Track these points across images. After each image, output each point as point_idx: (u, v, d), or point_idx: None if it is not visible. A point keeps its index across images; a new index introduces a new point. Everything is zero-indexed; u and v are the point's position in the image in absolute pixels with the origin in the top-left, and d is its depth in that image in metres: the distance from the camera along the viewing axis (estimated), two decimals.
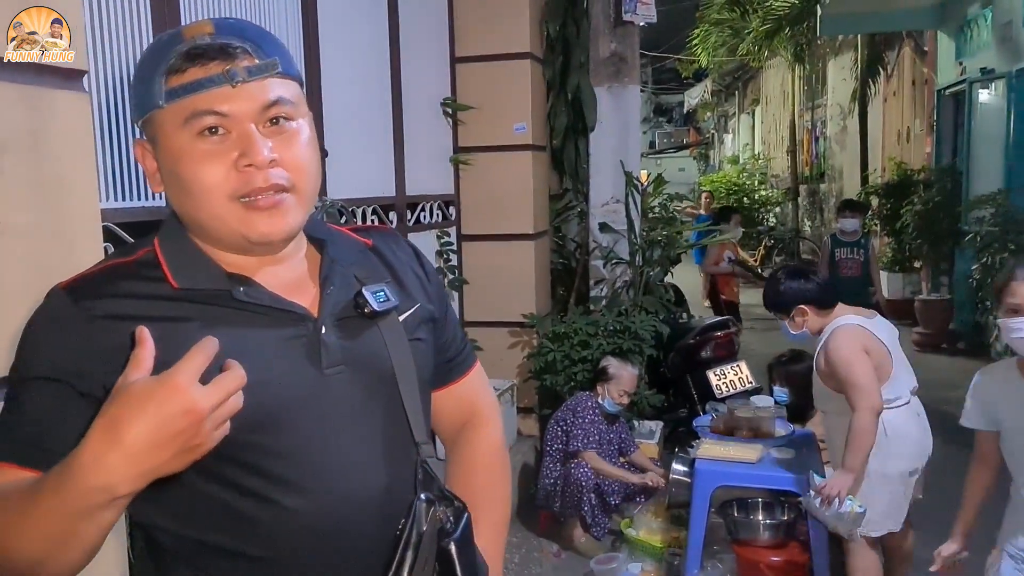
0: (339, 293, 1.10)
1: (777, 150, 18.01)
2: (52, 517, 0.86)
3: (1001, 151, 7.51)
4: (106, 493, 0.83)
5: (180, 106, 1.00)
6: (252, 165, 1.00)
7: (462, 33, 4.93)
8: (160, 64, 1.00)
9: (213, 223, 1.03)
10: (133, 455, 0.82)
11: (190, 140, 1.00)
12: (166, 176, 1.05)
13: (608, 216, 5.32)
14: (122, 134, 2.35)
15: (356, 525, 1.05)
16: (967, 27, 8.61)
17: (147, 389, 0.82)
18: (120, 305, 1.01)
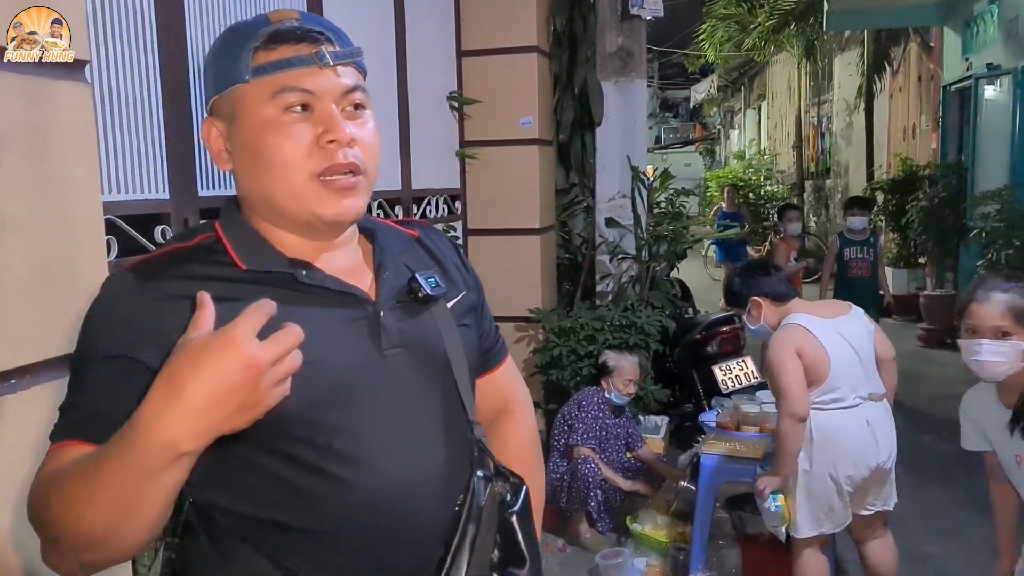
0: (393, 278, 1.15)
1: (783, 146, 17.98)
2: (118, 481, 0.86)
3: (1007, 147, 7.48)
4: (169, 450, 0.83)
5: (268, 81, 1.04)
6: (335, 141, 1.05)
7: (468, 27, 4.92)
8: (247, 42, 1.05)
9: (287, 199, 1.06)
10: (193, 410, 0.82)
11: (276, 114, 1.04)
12: (243, 152, 1.08)
13: (614, 211, 5.32)
14: (124, 126, 2.35)
15: (415, 500, 1.08)
16: (973, 23, 8.58)
17: (205, 344, 0.83)
18: (187, 286, 1.01)
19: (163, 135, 2.49)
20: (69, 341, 1.62)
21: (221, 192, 2.78)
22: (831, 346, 2.90)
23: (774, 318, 3.06)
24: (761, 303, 3.10)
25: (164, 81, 2.48)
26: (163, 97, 2.48)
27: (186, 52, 2.60)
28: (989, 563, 3.53)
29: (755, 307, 3.11)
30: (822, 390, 2.89)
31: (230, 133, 1.08)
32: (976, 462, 4.26)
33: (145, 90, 2.42)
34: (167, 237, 2.51)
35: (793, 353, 2.88)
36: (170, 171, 2.52)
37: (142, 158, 2.41)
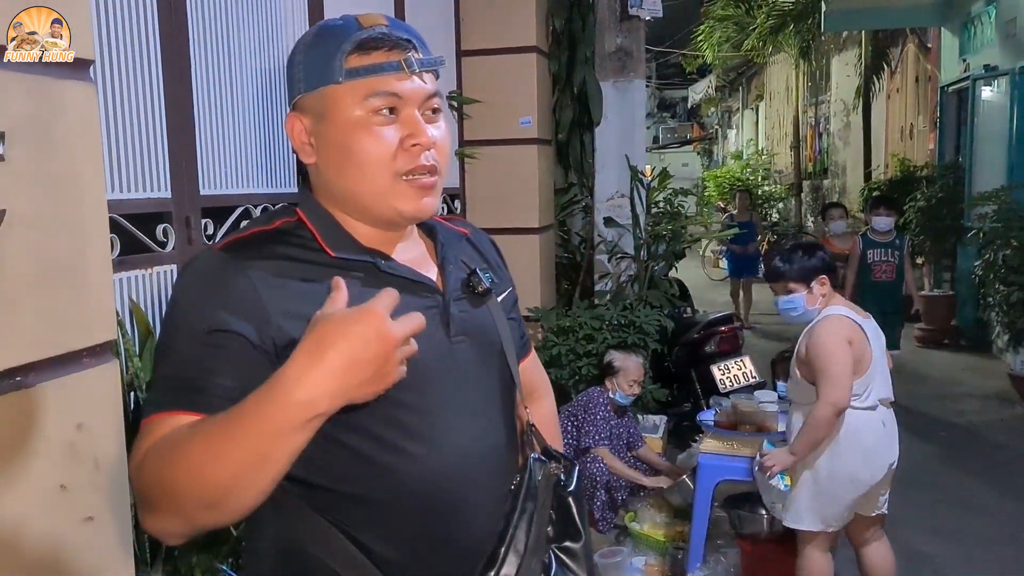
0: (456, 272, 1.24)
1: (780, 146, 17.99)
2: (252, 437, 0.90)
3: (1004, 148, 7.50)
4: (308, 409, 0.89)
5: (360, 84, 1.11)
6: (419, 144, 1.12)
7: (468, 26, 4.93)
8: (340, 45, 1.12)
9: (371, 196, 1.14)
10: (334, 370, 0.88)
11: (365, 116, 1.11)
12: (330, 148, 1.14)
13: (613, 210, 5.33)
14: (128, 124, 2.36)
15: (478, 476, 1.17)
16: (971, 24, 8.60)
17: (350, 314, 0.91)
18: (281, 266, 1.10)
19: (165, 134, 2.49)
20: (75, 338, 1.63)
21: (222, 191, 2.79)
22: (872, 344, 2.90)
23: (825, 304, 2.97)
24: (826, 281, 2.97)
25: (166, 80, 2.49)
26: (165, 96, 2.49)
27: (188, 52, 2.61)
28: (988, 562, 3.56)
29: (822, 284, 2.97)
30: (859, 383, 2.86)
31: (317, 129, 1.14)
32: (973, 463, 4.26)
33: (148, 89, 2.43)
34: (168, 235, 2.52)
35: (846, 342, 2.83)
36: (172, 169, 2.53)
37: (144, 156, 2.42)
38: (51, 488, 1.59)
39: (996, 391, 6.39)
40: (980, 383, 6.71)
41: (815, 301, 2.97)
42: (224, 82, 2.80)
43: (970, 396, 6.40)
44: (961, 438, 5.48)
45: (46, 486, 1.58)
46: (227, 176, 2.81)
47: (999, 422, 5.77)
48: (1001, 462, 4.97)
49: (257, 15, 3.00)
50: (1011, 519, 4.13)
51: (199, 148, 2.65)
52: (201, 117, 2.67)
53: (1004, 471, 4.83)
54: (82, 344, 1.64)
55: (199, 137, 2.65)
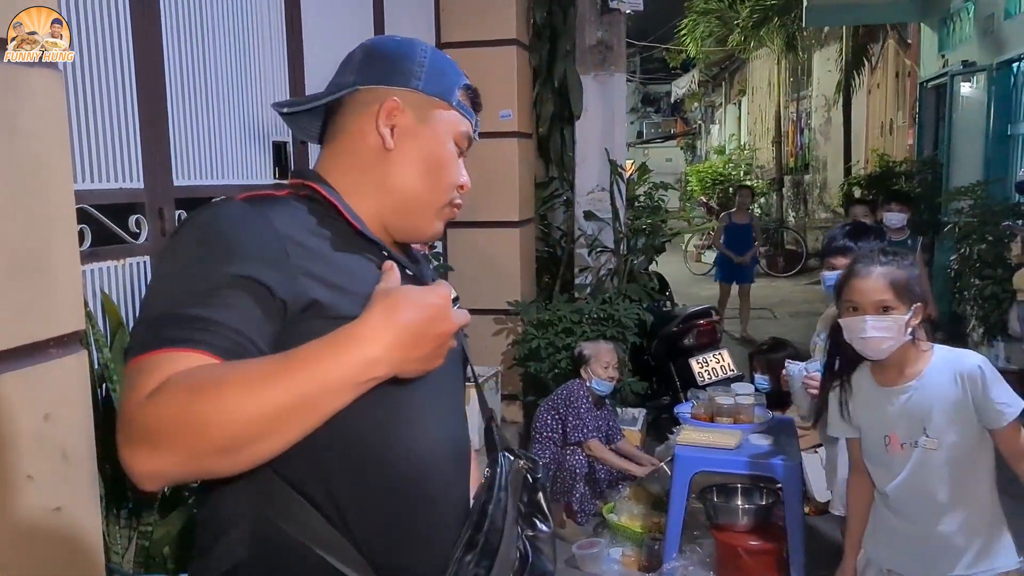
0: (427, 275, 1.31)
1: (762, 141, 18.06)
2: (302, 384, 0.90)
3: (980, 143, 7.56)
4: (370, 367, 0.93)
5: (459, 119, 1.25)
6: (463, 188, 1.28)
7: (448, 19, 4.93)
8: (458, 78, 1.27)
9: (424, 207, 1.24)
10: (402, 337, 0.94)
11: (452, 146, 1.25)
12: (419, 149, 1.22)
13: (593, 204, 5.34)
14: (100, 113, 2.34)
15: (457, 465, 1.24)
16: (950, 20, 8.66)
17: (423, 289, 0.99)
18: (305, 230, 1.11)
19: (137, 123, 2.48)
20: (41, 328, 1.62)
21: (196, 182, 2.78)
22: None
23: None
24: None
25: (139, 69, 2.48)
26: (138, 85, 2.48)
27: (161, 41, 2.59)
28: None
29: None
30: None
31: (412, 126, 1.21)
32: None
33: (120, 78, 2.41)
34: (141, 226, 2.51)
35: None
36: (145, 160, 2.51)
37: (116, 147, 2.41)
38: (18, 479, 1.59)
39: None
40: None
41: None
42: (198, 72, 2.78)
43: None
44: None
45: (13, 476, 1.57)
46: (201, 167, 2.80)
47: None
48: None
49: (232, 3, 2.98)
50: None
51: (172, 138, 2.63)
52: (175, 107, 2.65)
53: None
54: (49, 334, 1.63)
55: (172, 127, 2.64)
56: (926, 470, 2.14)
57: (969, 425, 2.12)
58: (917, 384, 2.16)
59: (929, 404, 2.13)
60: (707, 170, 17.60)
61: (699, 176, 17.40)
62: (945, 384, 2.13)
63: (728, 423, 3.64)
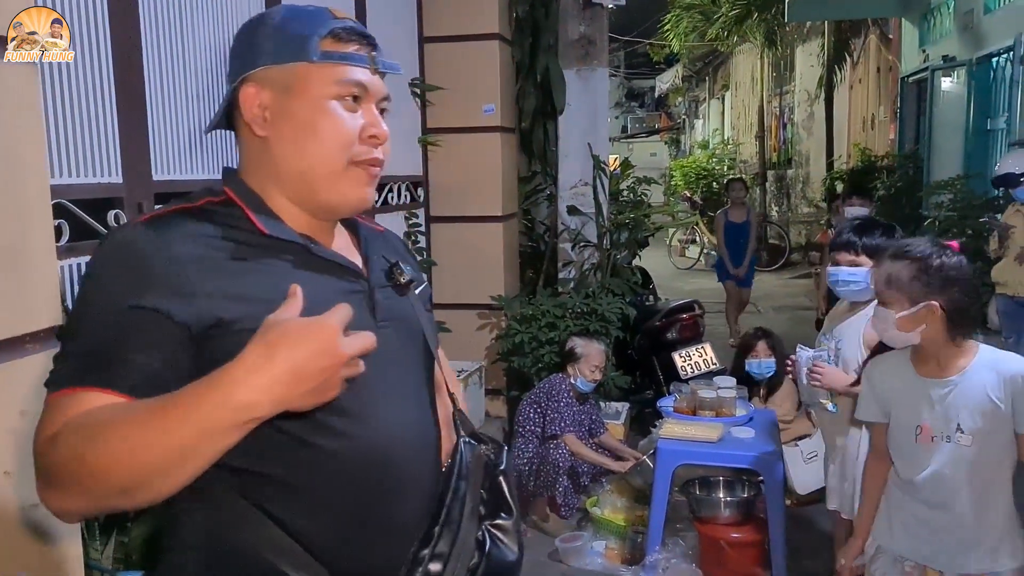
0: (378, 263, 1.27)
1: (746, 135, 18.13)
2: (182, 430, 0.89)
3: (961, 138, 7.63)
4: (245, 411, 0.89)
5: (333, 68, 1.14)
6: (376, 138, 1.17)
7: (430, 13, 4.91)
8: (317, 27, 1.15)
9: (324, 176, 1.15)
10: (279, 379, 0.89)
11: (334, 99, 1.14)
12: (292, 123, 1.15)
13: (576, 199, 5.35)
14: (77, 107, 2.32)
15: (409, 456, 1.18)
16: (930, 15, 8.72)
17: (304, 323, 0.92)
18: (208, 244, 1.09)
19: (115, 117, 2.46)
20: (17, 323, 1.61)
21: (176, 176, 2.76)
22: None
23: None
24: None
25: (116, 63, 2.46)
26: (116, 79, 2.46)
27: (139, 33, 2.57)
28: None
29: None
30: None
31: (278, 103, 1.14)
32: None
33: (97, 72, 2.39)
34: (120, 221, 2.49)
35: None
36: (123, 154, 2.49)
37: (94, 141, 2.39)
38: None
39: None
40: None
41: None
42: (177, 66, 2.76)
43: None
44: None
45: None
46: (181, 161, 2.78)
47: None
48: None
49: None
50: None
51: (151, 133, 2.62)
52: (153, 101, 2.63)
53: None
54: (25, 329, 1.63)
55: (151, 121, 2.62)
56: (956, 464, 2.17)
57: (1004, 426, 2.14)
58: (958, 379, 2.18)
59: (968, 401, 2.15)
60: (691, 165, 17.64)
61: (683, 171, 17.44)
62: (987, 384, 2.15)
63: (710, 416, 3.66)
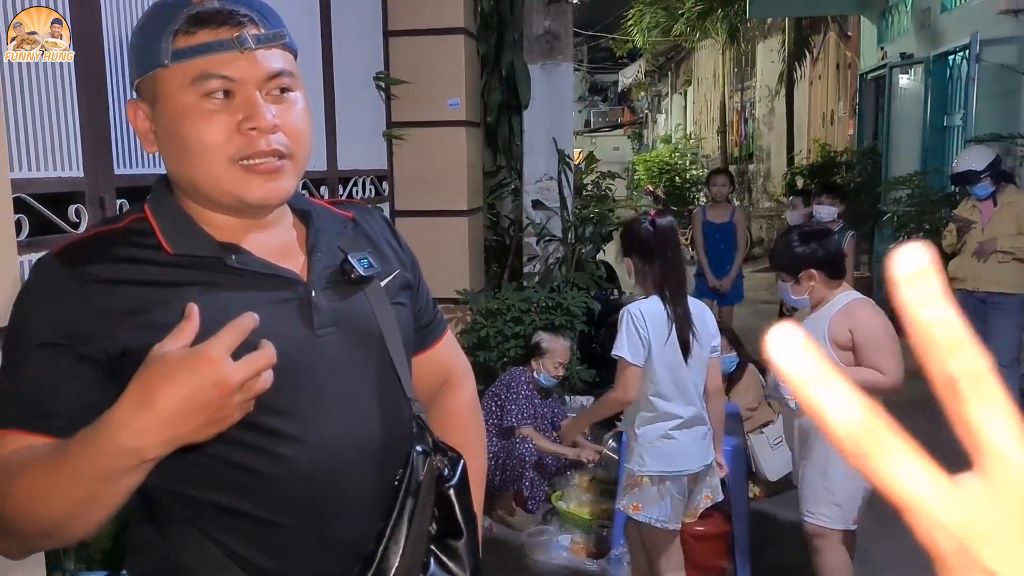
0: (326, 259, 1.16)
1: (708, 130, 18.29)
2: (78, 479, 0.88)
3: (918, 134, 7.76)
4: (134, 456, 0.86)
5: (187, 67, 1.02)
6: (256, 129, 1.03)
7: (395, 6, 4.88)
8: (166, 24, 1.03)
9: (209, 184, 1.05)
10: (163, 420, 0.84)
11: (195, 100, 1.03)
12: (164, 136, 1.07)
13: (541, 193, 5.36)
14: (37, 99, 2.28)
15: (353, 475, 1.10)
16: (889, 13, 8.86)
17: (181, 359, 0.85)
18: (115, 270, 1.04)
19: (76, 109, 2.42)
20: None
21: (138, 170, 2.72)
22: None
23: (821, 293, 2.94)
24: (815, 276, 2.92)
25: (78, 53, 2.41)
26: (77, 70, 2.41)
27: (100, 23, 2.52)
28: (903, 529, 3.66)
29: (808, 278, 2.93)
30: None
31: (154, 115, 1.07)
32: None
33: (57, 64, 2.35)
34: (81, 216, 2.45)
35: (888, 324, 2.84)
36: (84, 147, 2.45)
37: (55, 134, 2.35)
38: None
39: (909, 370, 6.60)
40: None
41: (803, 292, 2.96)
42: None
43: None
44: None
45: None
46: (143, 155, 2.74)
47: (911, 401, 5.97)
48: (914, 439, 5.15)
49: None
50: None
51: (113, 125, 2.57)
52: (115, 93, 2.59)
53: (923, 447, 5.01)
54: None
55: (113, 114, 2.58)
56: None
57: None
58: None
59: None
60: (654, 159, 17.74)
61: (646, 165, 17.54)
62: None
63: None
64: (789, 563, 3.63)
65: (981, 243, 5.03)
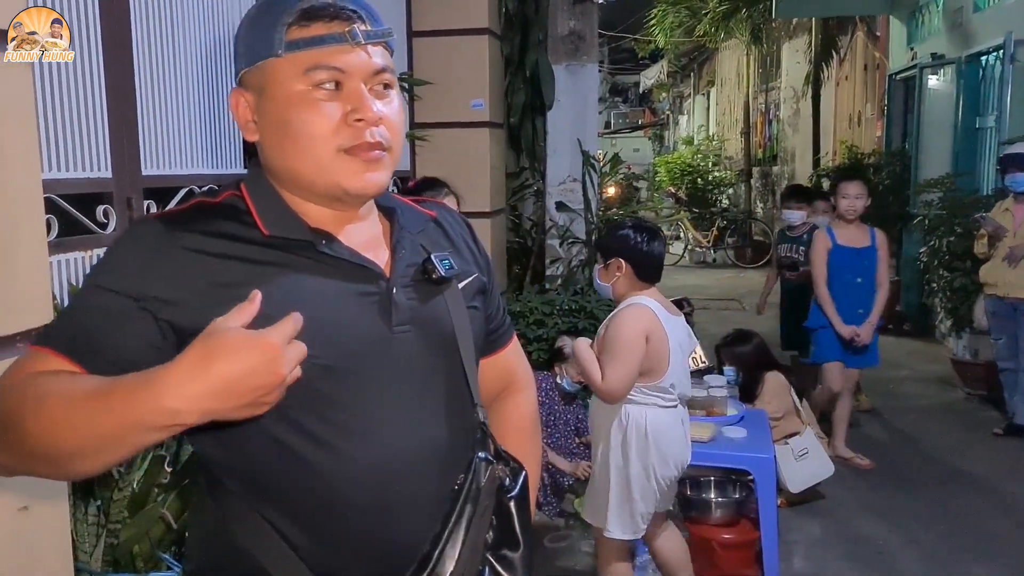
0: (409, 257, 1.17)
1: (731, 132, 18.15)
2: (111, 421, 0.89)
3: (949, 136, 7.64)
4: (172, 416, 0.87)
5: (300, 57, 1.06)
6: (363, 120, 1.07)
7: (419, 7, 4.87)
8: (280, 16, 1.07)
9: (313, 172, 1.08)
10: (210, 390, 0.86)
11: (306, 90, 1.06)
12: (270, 124, 1.09)
13: (565, 195, 5.33)
14: (67, 101, 2.27)
15: (413, 476, 1.10)
16: (919, 13, 8.74)
17: (247, 337, 0.87)
18: (209, 242, 1.06)
19: (105, 111, 2.41)
20: (8, 322, 1.57)
21: (166, 171, 2.72)
22: (673, 342, 2.81)
23: (623, 288, 2.88)
24: (623, 267, 2.85)
25: (106, 56, 2.41)
26: (105, 72, 2.41)
27: (129, 25, 2.52)
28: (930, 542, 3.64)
29: (616, 268, 2.86)
30: (655, 384, 2.80)
31: (259, 105, 1.10)
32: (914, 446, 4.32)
33: (87, 65, 2.35)
34: (109, 216, 2.45)
35: (643, 335, 2.75)
36: (113, 148, 2.45)
37: (83, 135, 2.34)
38: None
39: (938, 376, 6.53)
40: (923, 367, 6.85)
41: (608, 279, 2.90)
42: (167, 58, 2.72)
43: (913, 380, 6.53)
44: (903, 421, 5.60)
45: None
46: (170, 156, 2.74)
47: (940, 406, 5.91)
48: (942, 445, 5.09)
49: None
50: (952, 500, 4.23)
51: (141, 127, 2.57)
52: (143, 94, 2.59)
53: (945, 454, 4.95)
54: (15, 328, 1.59)
55: (141, 115, 2.57)
56: None
57: None
58: None
59: None
60: (676, 161, 17.64)
61: (667, 167, 17.45)
62: None
63: (701, 416, 3.65)
64: (813, 571, 3.58)
65: (1012, 248, 4.95)
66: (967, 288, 5.87)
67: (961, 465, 4.78)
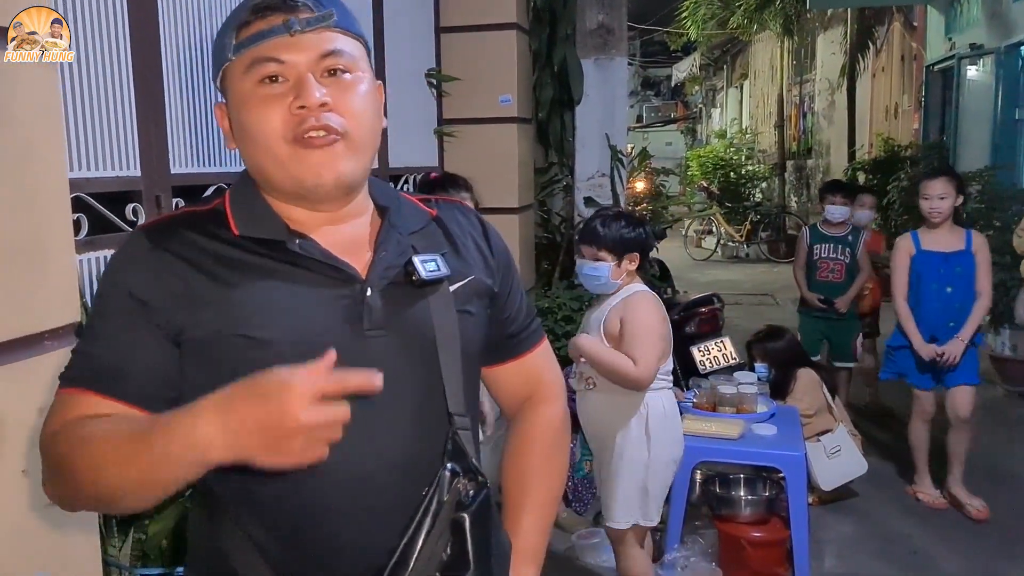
0: (391, 258, 1.13)
1: (765, 125, 17.98)
2: (146, 463, 0.93)
3: (988, 128, 7.51)
4: (200, 451, 0.89)
5: (245, 56, 1.06)
6: (304, 107, 1.04)
7: (447, 2, 4.87)
8: (232, 21, 1.09)
9: (274, 170, 1.08)
10: (228, 427, 0.88)
11: (252, 87, 1.06)
12: (236, 128, 1.10)
13: (593, 190, 5.30)
14: (96, 100, 2.30)
15: (376, 486, 1.08)
16: (957, 2, 8.59)
17: (270, 378, 0.88)
18: (187, 247, 1.08)
19: (134, 110, 2.44)
20: (36, 320, 1.59)
21: (195, 169, 2.74)
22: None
23: (627, 280, 2.91)
24: (636, 260, 2.90)
25: (135, 54, 2.43)
26: (134, 71, 2.43)
27: (157, 25, 2.55)
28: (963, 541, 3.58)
29: (630, 261, 2.88)
30: (664, 368, 2.89)
31: (229, 114, 1.12)
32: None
33: (115, 64, 2.37)
34: (139, 215, 2.48)
35: (664, 319, 2.86)
36: (141, 147, 2.47)
37: (112, 134, 2.37)
38: (13, 473, 1.57)
39: None
40: None
41: (620, 275, 2.89)
42: (196, 57, 2.74)
43: None
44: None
45: (7, 471, 1.56)
46: (199, 154, 2.76)
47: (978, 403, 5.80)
48: (980, 442, 5.00)
49: None
50: (988, 498, 4.15)
51: (169, 125, 2.59)
52: (171, 93, 2.61)
53: (984, 452, 4.86)
54: (43, 326, 1.61)
55: (169, 114, 2.60)
56: None
57: None
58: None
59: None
60: (708, 154, 17.50)
61: (700, 161, 17.31)
62: None
63: (731, 412, 3.62)
64: (845, 571, 3.54)
65: None
66: (1006, 283, 5.75)
67: (998, 463, 4.70)
